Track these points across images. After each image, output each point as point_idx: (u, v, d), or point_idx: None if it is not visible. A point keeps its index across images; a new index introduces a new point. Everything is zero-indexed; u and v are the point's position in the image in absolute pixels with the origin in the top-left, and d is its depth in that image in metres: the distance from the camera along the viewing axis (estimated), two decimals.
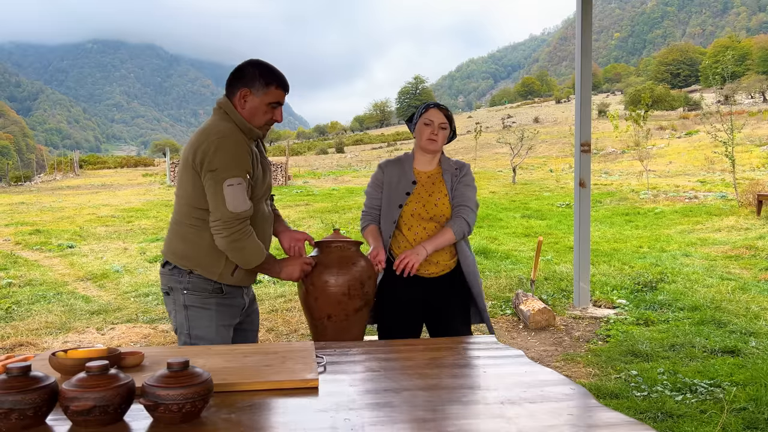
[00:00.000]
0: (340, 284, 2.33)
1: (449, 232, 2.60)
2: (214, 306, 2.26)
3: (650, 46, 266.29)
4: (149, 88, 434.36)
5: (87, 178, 31.18)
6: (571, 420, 1.28)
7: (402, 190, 2.71)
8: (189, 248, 2.25)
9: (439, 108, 2.73)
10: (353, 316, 2.35)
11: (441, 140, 2.70)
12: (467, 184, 2.74)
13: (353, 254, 2.42)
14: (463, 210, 2.65)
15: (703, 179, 17.50)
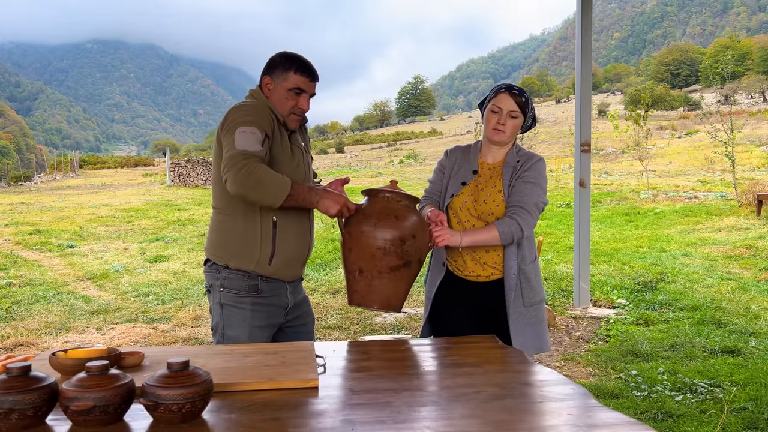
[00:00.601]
0: (377, 236, 2.07)
1: (494, 231, 2.26)
2: (248, 306, 2.18)
3: (650, 46, 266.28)
4: (149, 88, 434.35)
5: (87, 178, 31.18)
6: (571, 420, 1.28)
7: (460, 179, 2.43)
8: (223, 237, 2.19)
9: (511, 93, 2.33)
10: (387, 275, 2.08)
11: (510, 131, 2.33)
12: (528, 180, 2.33)
13: (400, 208, 2.13)
14: (517, 212, 2.28)
15: (703, 179, 17.50)
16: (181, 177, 23.35)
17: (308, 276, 7.65)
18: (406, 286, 2.15)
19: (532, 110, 2.38)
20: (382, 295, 2.10)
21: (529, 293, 2.37)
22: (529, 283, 2.36)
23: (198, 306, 6.37)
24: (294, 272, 2.28)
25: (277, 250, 2.18)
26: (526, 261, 2.37)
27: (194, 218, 13.73)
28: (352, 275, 2.13)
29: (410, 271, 2.13)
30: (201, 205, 16.55)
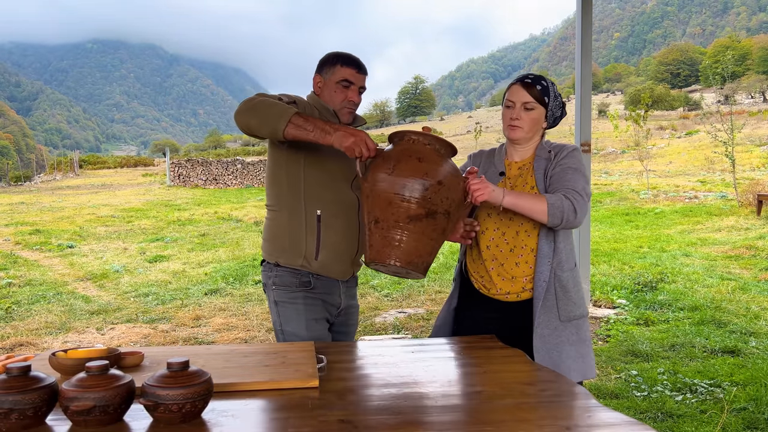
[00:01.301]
0: (395, 181, 1.78)
1: (542, 201, 1.92)
2: (301, 300, 2.17)
3: (650, 46, 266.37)
4: (149, 88, 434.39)
5: (87, 178, 31.18)
6: (571, 420, 1.28)
7: None
8: (272, 233, 2.21)
9: (524, 83, 2.08)
10: (406, 226, 1.79)
11: (528, 125, 2.07)
12: (568, 166, 2.05)
13: (427, 152, 1.82)
14: (568, 192, 1.97)
15: (703, 179, 17.50)
16: (181, 177, 23.36)
17: None
18: (431, 241, 1.83)
19: (557, 99, 2.11)
20: (400, 250, 1.80)
21: (567, 305, 2.03)
22: (566, 293, 2.03)
23: (198, 306, 6.37)
24: (344, 270, 2.21)
25: (322, 243, 2.15)
26: (563, 267, 2.04)
27: (194, 218, 13.73)
28: (368, 228, 1.86)
29: (435, 223, 1.81)
30: (201, 205, 16.55)
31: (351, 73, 2.20)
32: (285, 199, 2.17)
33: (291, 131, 1.88)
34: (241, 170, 23.48)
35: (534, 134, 2.11)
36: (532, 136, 2.11)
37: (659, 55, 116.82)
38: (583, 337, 2.06)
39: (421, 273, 1.84)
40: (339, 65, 2.19)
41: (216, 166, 23.43)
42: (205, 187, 22.59)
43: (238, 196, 19.24)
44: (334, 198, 2.16)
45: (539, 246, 2.03)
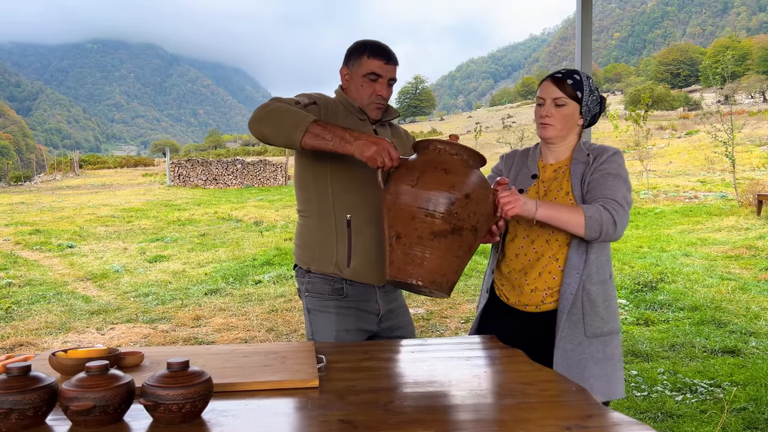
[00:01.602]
0: (419, 194, 1.66)
1: (579, 211, 1.80)
2: (333, 309, 2.07)
3: (650, 46, 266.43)
4: (149, 88, 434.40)
5: (87, 178, 31.19)
6: (571, 420, 1.28)
7: (518, 186, 2.06)
8: (303, 240, 2.12)
9: (554, 79, 1.95)
10: (430, 242, 1.67)
11: (561, 122, 1.94)
12: (608, 172, 1.90)
13: (454, 162, 1.71)
14: (607, 202, 1.84)
15: (703, 179, 17.51)
16: (181, 177, 23.37)
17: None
18: (456, 259, 1.71)
19: (593, 93, 1.96)
20: (423, 268, 1.69)
21: (593, 320, 1.90)
22: (594, 307, 1.90)
23: (198, 306, 6.37)
24: (378, 276, 2.08)
25: (354, 250, 2.04)
26: (592, 280, 1.91)
27: (194, 218, 13.73)
28: (389, 243, 1.75)
29: (461, 240, 1.69)
30: (201, 205, 16.56)
31: (379, 65, 2.03)
32: (314, 205, 2.08)
33: (308, 141, 1.77)
34: (241, 170, 23.48)
35: (568, 133, 1.97)
36: (566, 135, 1.97)
37: (659, 55, 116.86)
38: (610, 354, 1.93)
39: (445, 293, 1.73)
40: (365, 56, 2.03)
41: (216, 166, 23.44)
42: (205, 187, 22.59)
43: (238, 196, 19.24)
44: (365, 202, 2.04)
45: (569, 256, 1.91)
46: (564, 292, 1.90)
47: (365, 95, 2.06)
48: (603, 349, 1.91)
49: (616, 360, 1.95)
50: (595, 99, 1.97)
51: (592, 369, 1.89)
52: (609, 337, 1.93)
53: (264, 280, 7.47)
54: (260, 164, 23.94)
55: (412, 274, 1.70)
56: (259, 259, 8.71)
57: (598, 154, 1.95)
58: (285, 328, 5.51)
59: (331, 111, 2.04)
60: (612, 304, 1.95)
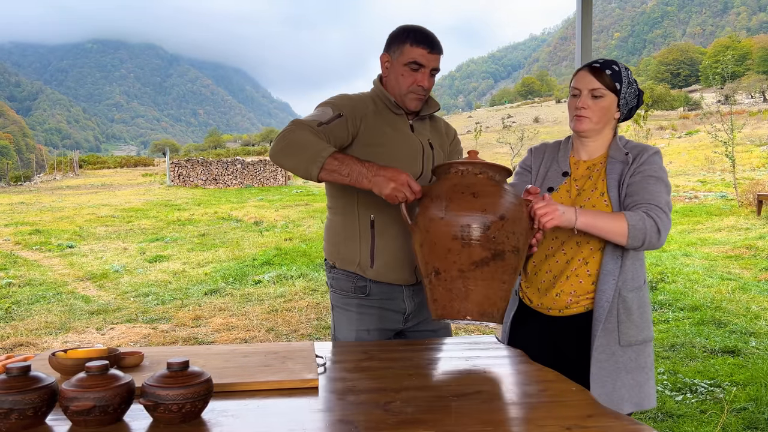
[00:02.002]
0: (450, 222, 1.57)
1: (622, 220, 1.69)
2: (354, 308, 2.02)
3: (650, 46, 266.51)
4: (149, 88, 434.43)
5: (87, 178, 31.19)
6: (571, 420, 1.28)
7: (547, 185, 1.93)
8: (329, 234, 2.09)
9: (592, 68, 1.84)
10: (472, 273, 1.58)
11: (597, 115, 1.83)
12: (650, 174, 1.78)
13: (480, 182, 1.62)
14: (650, 208, 1.73)
15: (704, 179, 17.51)
16: (181, 177, 23.36)
17: (308, 276, 7.65)
18: (504, 285, 1.62)
19: (632, 85, 1.85)
20: (470, 302, 1.60)
21: (629, 329, 1.81)
22: (629, 315, 1.81)
23: (198, 306, 6.37)
24: (405, 277, 2.01)
25: (377, 251, 1.98)
26: (628, 286, 1.81)
27: (194, 218, 13.73)
28: (428, 279, 1.66)
29: (505, 264, 1.59)
30: (201, 205, 16.56)
31: (421, 54, 1.92)
32: (340, 202, 2.03)
33: (325, 176, 1.72)
34: (241, 170, 23.48)
35: (604, 126, 1.85)
36: (601, 128, 1.86)
37: (659, 55, 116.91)
38: (642, 363, 1.84)
39: (497, 321, 1.65)
40: (408, 44, 1.92)
41: (216, 166, 23.44)
42: (205, 187, 22.59)
43: (238, 196, 19.24)
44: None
45: (604, 262, 1.80)
46: (600, 299, 1.80)
47: (405, 85, 1.95)
48: (636, 358, 1.83)
49: (648, 369, 1.86)
50: (634, 92, 1.86)
51: (624, 379, 1.81)
52: (642, 345, 1.85)
53: (264, 280, 7.47)
54: (260, 164, 23.94)
55: (460, 311, 1.61)
56: (259, 259, 8.71)
57: (638, 153, 1.83)
58: (285, 328, 5.51)
59: (360, 116, 1.94)
60: (646, 311, 1.86)
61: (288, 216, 13.55)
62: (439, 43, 1.95)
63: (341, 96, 1.98)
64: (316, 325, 5.59)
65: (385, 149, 1.94)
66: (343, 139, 1.91)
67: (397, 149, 1.97)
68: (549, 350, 1.87)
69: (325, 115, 1.87)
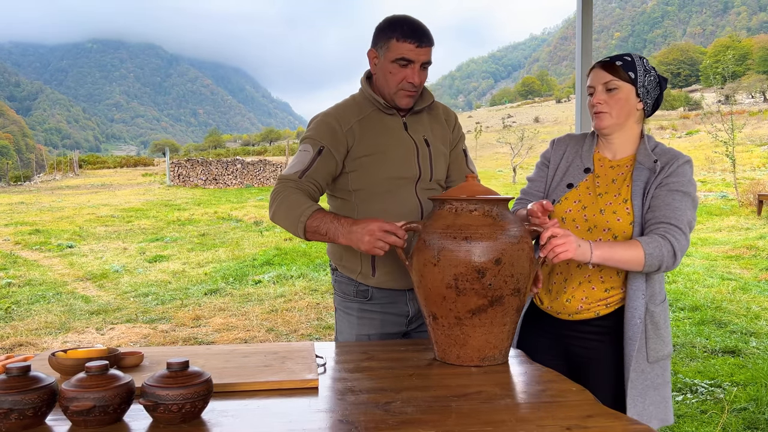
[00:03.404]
0: (443, 274, 1.52)
1: (638, 249, 1.62)
2: (355, 312, 1.99)
3: (651, 46, 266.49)
4: (149, 88, 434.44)
5: (86, 177, 31.19)
6: (571, 420, 1.28)
7: (567, 180, 1.85)
8: None
9: (602, 63, 1.79)
10: (469, 320, 1.55)
11: (617, 109, 1.74)
12: (677, 188, 1.69)
13: (474, 222, 1.54)
14: (669, 230, 1.65)
15: (704, 179, 17.50)
16: (181, 177, 23.37)
17: (308, 276, 7.66)
18: (505, 327, 1.59)
19: (649, 73, 1.77)
20: (469, 348, 1.58)
21: (656, 344, 1.75)
22: (657, 330, 1.74)
23: (198, 306, 6.37)
24: (408, 282, 1.88)
25: (378, 261, 1.92)
26: (656, 300, 1.74)
27: (194, 218, 13.73)
28: (428, 323, 1.65)
29: (504, 308, 1.55)
30: (201, 205, 16.56)
31: (409, 49, 1.81)
32: (342, 212, 1.91)
33: (311, 237, 1.75)
34: (241, 170, 23.48)
35: (626, 120, 1.76)
36: (623, 123, 1.76)
37: (659, 55, 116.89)
38: (666, 379, 1.80)
39: (499, 362, 1.63)
40: (395, 39, 1.82)
41: (216, 166, 23.44)
42: (204, 187, 22.59)
43: (238, 196, 19.24)
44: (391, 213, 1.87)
45: (631, 278, 1.72)
46: (632, 317, 1.73)
47: (394, 83, 1.86)
48: (662, 374, 1.79)
49: (669, 384, 1.82)
50: (653, 79, 1.78)
51: (652, 396, 1.75)
52: (666, 360, 1.81)
53: (264, 280, 7.46)
54: (260, 164, 23.94)
55: (459, 356, 1.60)
56: (259, 259, 8.71)
57: (667, 162, 1.72)
58: (285, 328, 5.51)
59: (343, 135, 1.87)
60: (668, 325, 1.82)
61: None
62: (428, 34, 1.84)
63: (320, 122, 1.90)
64: (316, 325, 5.59)
65: (376, 157, 1.88)
66: (332, 170, 1.88)
67: (389, 154, 1.90)
68: (558, 352, 1.85)
69: (306, 158, 1.84)
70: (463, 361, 1.61)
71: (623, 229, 1.71)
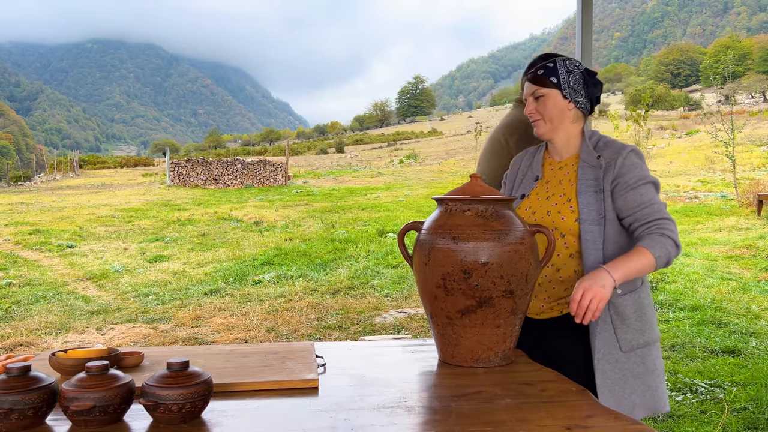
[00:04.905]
0: (433, 273, 1.55)
1: (647, 255, 1.64)
2: None
3: (650, 46, 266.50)
4: (149, 88, 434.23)
5: (87, 178, 31.19)
6: (571, 420, 1.28)
7: (521, 191, 1.92)
8: None
9: (527, 76, 1.87)
10: (460, 320, 1.56)
11: (546, 115, 1.81)
12: (636, 183, 1.74)
13: (465, 223, 1.55)
14: (661, 224, 1.69)
15: (704, 179, 17.50)
16: (181, 177, 23.36)
17: (308, 276, 7.66)
18: (498, 329, 1.58)
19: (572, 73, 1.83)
20: (462, 348, 1.60)
21: (627, 334, 1.77)
22: (624, 320, 1.76)
23: (198, 306, 6.37)
24: None
25: None
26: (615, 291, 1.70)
27: (194, 218, 13.73)
28: (428, 320, 1.69)
29: (495, 309, 1.55)
30: (201, 205, 16.55)
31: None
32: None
33: None
34: (241, 170, 23.47)
35: (561, 122, 1.82)
36: (559, 125, 1.82)
37: (659, 55, 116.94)
38: (651, 367, 1.80)
39: (498, 363, 1.62)
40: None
41: (216, 166, 23.43)
42: (205, 187, 22.58)
43: (238, 196, 19.24)
44: None
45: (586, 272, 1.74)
46: None
47: None
48: (642, 362, 1.79)
49: (658, 372, 1.82)
50: (579, 78, 1.82)
51: (633, 385, 1.77)
52: (646, 348, 1.80)
53: (264, 280, 7.46)
54: (260, 164, 23.93)
55: (453, 356, 1.62)
56: (259, 259, 8.71)
57: (612, 157, 1.76)
58: (285, 328, 5.51)
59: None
60: (647, 314, 1.81)
61: (288, 216, 13.54)
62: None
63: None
64: (316, 325, 5.59)
65: None
66: None
67: None
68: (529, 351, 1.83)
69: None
70: (458, 362, 1.62)
71: (569, 226, 1.76)
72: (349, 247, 9.23)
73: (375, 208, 14.09)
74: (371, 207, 14.26)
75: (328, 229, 11.03)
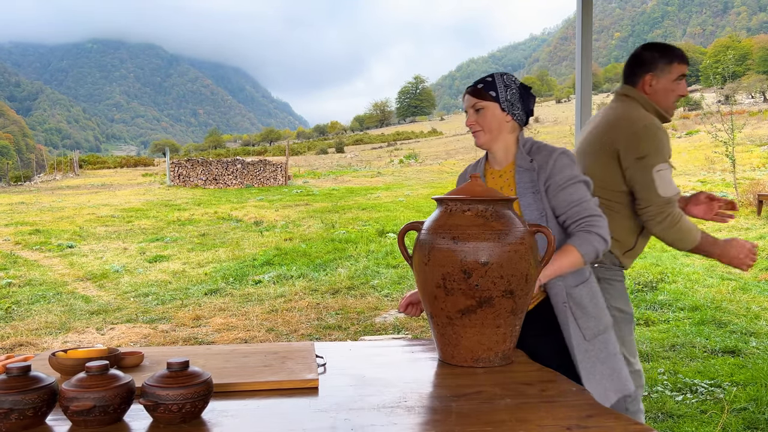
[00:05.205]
0: (433, 273, 1.56)
1: (574, 253, 1.78)
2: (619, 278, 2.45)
3: None
4: (149, 88, 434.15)
5: (87, 178, 31.18)
6: (571, 420, 1.28)
7: None
8: None
9: (469, 89, 1.96)
10: (460, 320, 1.57)
11: (485, 126, 1.91)
12: (566, 183, 1.85)
13: (465, 223, 1.56)
14: (590, 222, 1.82)
15: (704, 179, 17.50)
16: (181, 177, 23.36)
17: (308, 276, 7.65)
18: (498, 329, 1.59)
19: (510, 88, 1.92)
20: (462, 348, 1.61)
21: (587, 323, 1.87)
22: (583, 309, 1.87)
23: (198, 306, 6.37)
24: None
25: None
26: (571, 283, 1.88)
27: (194, 218, 13.72)
28: (428, 319, 1.69)
29: (495, 309, 1.56)
30: (201, 205, 16.55)
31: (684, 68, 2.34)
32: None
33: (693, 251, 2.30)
34: (241, 170, 23.47)
35: (499, 133, 1.92)
36: (497, 136, 1.92)
37: None
38: (612, 350, 1.91)
39: (499, 363, 1.64)
40: (676, 63, 2.32)
41: (216, 166, 23.43)
42: (205, 187, 22.58)
43: (238, 196, 19.23)
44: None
45: None
46: (556, 303, 1.87)
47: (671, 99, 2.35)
48: (605, 348, 1.90)
49: (618, 354, 1.93)
50: (514, 93, 1.91)
51: (601, 370, 1.87)
52: (606, 334, 1.92)
53: (264, 280, 7.47)
54: (260, 164, 23.93)
55: (454, 356, 1.64)
56: (259, 259, 8.71)
57: (544, 161, 1.87)
58: (285, 328, 5.51)
59: None
60: (599, 301, 1.94)
61: (288, 216, 13.54)
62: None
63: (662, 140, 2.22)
64: (316, 325, 5.59)
65: None
66: None
67: None
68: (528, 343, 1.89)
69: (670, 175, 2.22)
70: (458, 361, 1.63)
71: None
72: (349, 247, 9.23)
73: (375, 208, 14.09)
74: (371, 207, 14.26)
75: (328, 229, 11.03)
